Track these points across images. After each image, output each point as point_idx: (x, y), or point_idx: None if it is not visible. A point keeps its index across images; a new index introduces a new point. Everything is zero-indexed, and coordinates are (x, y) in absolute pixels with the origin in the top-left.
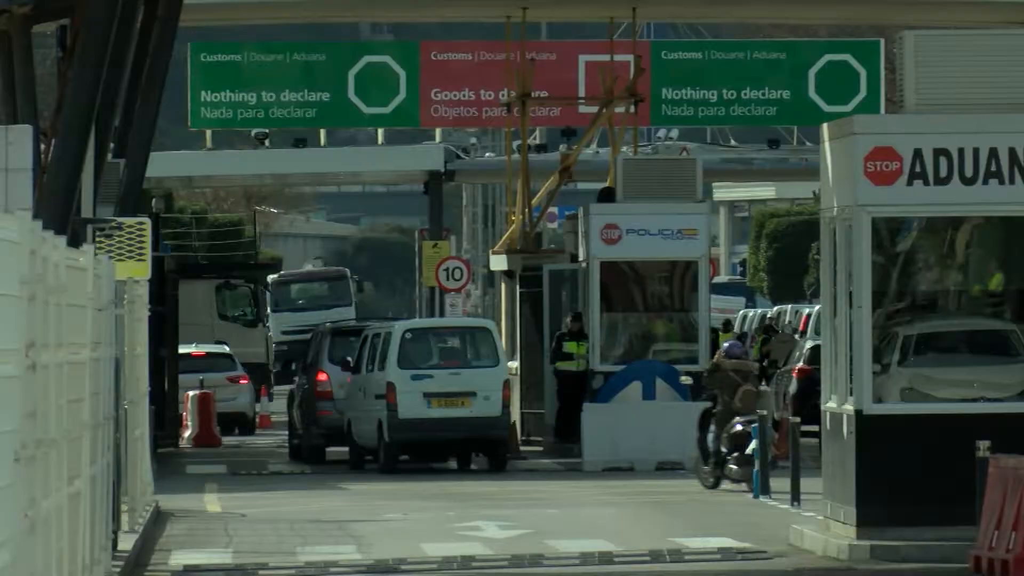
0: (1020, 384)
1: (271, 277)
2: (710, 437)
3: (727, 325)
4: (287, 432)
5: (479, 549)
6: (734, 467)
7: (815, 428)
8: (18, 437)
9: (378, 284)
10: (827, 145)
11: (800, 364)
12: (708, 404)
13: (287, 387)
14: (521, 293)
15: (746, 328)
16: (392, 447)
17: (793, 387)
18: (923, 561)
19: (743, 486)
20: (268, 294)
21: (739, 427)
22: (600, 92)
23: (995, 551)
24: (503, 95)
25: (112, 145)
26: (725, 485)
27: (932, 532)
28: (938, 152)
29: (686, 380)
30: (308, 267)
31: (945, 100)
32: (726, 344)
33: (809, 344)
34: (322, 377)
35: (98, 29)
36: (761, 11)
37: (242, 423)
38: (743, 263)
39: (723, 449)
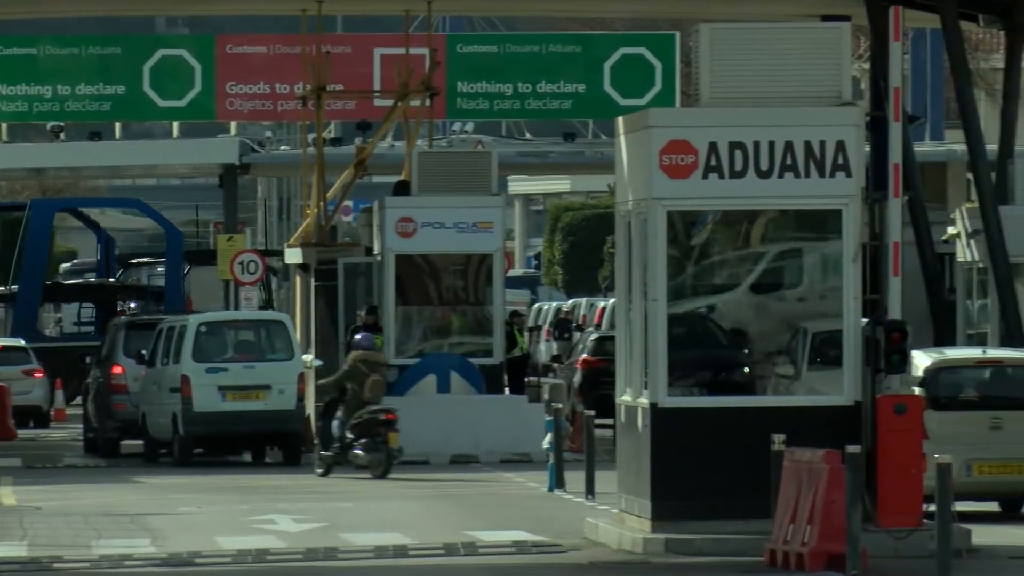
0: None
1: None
2: (335, 424)
3: (515, 315)
4: (82, 426)
5: (273, 542)
6: (360, 452)
7: (609, 421)
8: None
9: None
10: (622, 139)
11: (584, 356)
12: (335, 394)
13: None
14: (316, 286)
15: (540, 321)
16: (187, 440)
17: (578, 378)
18: (718, 554)
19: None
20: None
21: (370, 416)
22: (395, 85)
23: (790, 544)
24: (298, 88)
25: None
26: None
27: (727, 525)
28: (733, 145)
29: (313, 364)
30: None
31: (740, 94)
32: (357, 336)
33: (594, 336)
34: (117, 370)
35: None
36: (557, 5)
37: (37, 416)
38: (538, 256)
39: (349, 435)
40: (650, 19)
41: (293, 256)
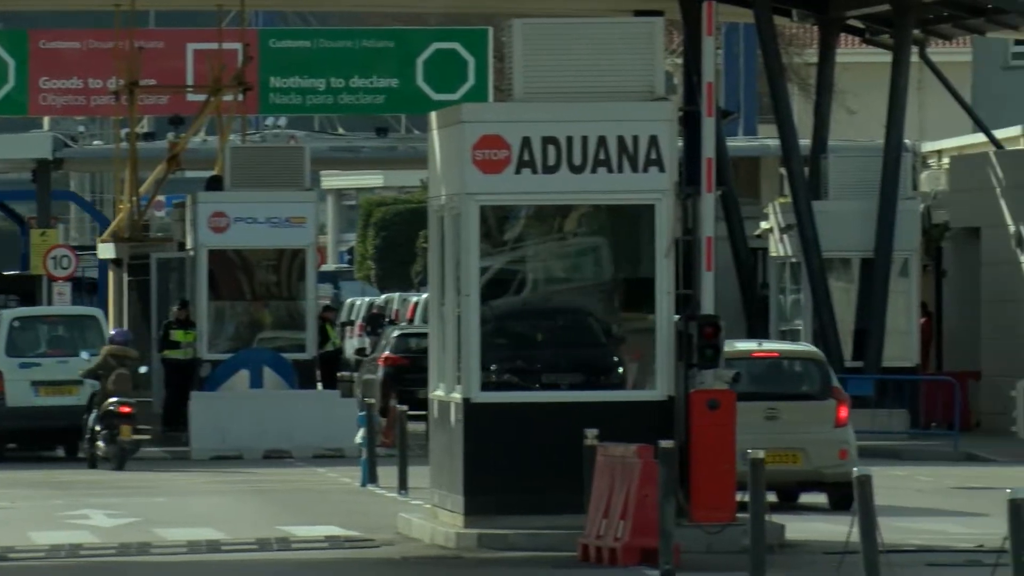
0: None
1: None
2: (92, 417)
3: (327, 310)
4: None
5: (87, 537)
6: (100, 444)
7: (420, 413)
8: None
9: None
10: (435, 133)
11: (387, 352)
12: (97, 386)
13: None
14: (129, 281)
15: (353, 316)
16: (0, 435)
17: (380, 374)
18: (531, 549)
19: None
20: None
21: (110, 408)
22: (208, 80)
23: (603, 539)
24: (111, 83)
25: None
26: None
27: (541, 520)
28: (547, 140)
29: (88, 359)
30: None
31: (554, 89)
32: (112, 332)
33: (396, 332)
34: None
35: None
36: (369, 0)
37: None
38: (351, 251)
39: (97, 427)
40: (463, 14)
41: (106, 251)
